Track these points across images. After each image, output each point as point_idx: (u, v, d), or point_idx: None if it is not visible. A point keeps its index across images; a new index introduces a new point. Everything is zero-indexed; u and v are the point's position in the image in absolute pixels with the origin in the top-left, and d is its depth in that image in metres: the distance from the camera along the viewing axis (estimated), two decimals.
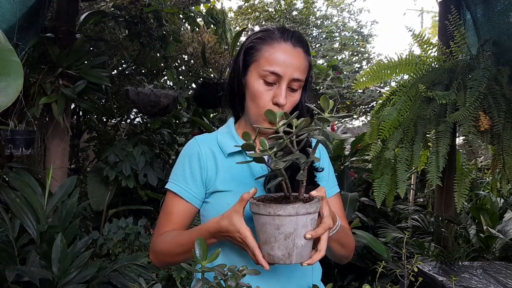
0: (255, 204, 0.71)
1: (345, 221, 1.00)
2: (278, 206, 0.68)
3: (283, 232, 0.69)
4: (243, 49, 0.95)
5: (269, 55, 0.89)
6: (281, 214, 0.68)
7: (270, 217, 0.69)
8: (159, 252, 0.92)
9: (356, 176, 3.19)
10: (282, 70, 0.87)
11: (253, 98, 0.92)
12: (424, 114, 1.88)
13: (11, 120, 2.22)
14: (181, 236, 0.88)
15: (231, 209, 0.77)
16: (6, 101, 0.79)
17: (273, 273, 0.89)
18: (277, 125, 0.71)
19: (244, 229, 0.73)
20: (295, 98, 0.92)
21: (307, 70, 0.93)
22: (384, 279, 2.00)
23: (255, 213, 0.71)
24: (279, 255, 0.70)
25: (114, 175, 2.75)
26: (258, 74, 0.90)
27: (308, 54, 0.94)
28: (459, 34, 1.96)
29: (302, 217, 0.69)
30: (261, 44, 0.91)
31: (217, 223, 0.78)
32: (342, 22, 12.25)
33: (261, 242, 0.72)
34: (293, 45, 0.90)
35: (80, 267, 1.84)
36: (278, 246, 0.70)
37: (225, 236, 0.77)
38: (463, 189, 1.86)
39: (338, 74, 3.88)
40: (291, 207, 0.68)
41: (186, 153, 0.97)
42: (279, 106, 0.89)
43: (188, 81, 3.83)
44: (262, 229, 0.71)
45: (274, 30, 0.92)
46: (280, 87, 0.88)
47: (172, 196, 0.95)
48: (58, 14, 2.60)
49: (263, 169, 0.94)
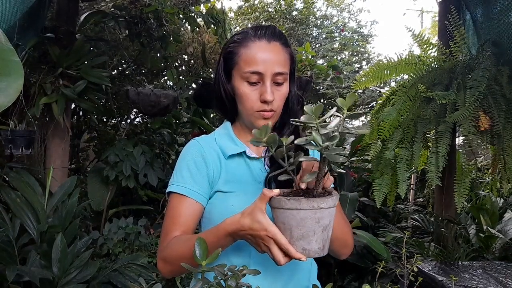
0: (293, 199, 0.69)
1: (343, 213, 1.00)
2: (321, 199, 0.69)
3: (322, 225, 0.70)
4: (222, 56, 0.96)
5: (247, 56, 0.89)
6: (323, 207, 0.69)
7: (312, 211, 0.69)
8: (169, 259, 0.86)
9: (356, 176, 3.19)
10: (263, 68, 0.88)
11: (241, 101, 0.93)
12: (424, 114, 1.88)
13: (11, 120, 2.22)
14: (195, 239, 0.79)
15: (252, 206, 0.74)
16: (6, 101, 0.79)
17: (273, 273, 0.89)
18: (263, 139, 0.71)
19: (271, 226, 0.71)
20: (283, 92, 0.92)
21: (288, 61, 0.93)
22: (384, 279, 2.00)
23: (293, 209, 0.69)
24: (316, 248, 0.71)
25: (114, 175, 2.75)
26: (241, 77, 0.91)
27: (287, 46, 0.94)
28: (458, 34, 1.96)
29: (334, 208, 0.73)
30: (238, 47, 0.92)
31: (237, 221, 0.74)
32: (343, 22, 12.24)
33: (294, 238, 0.70)
34: (268, 41, 0.90)
35: (80, 267, 1.84)
36: (316, 239, 0.71)
37: (246, 234, 0.74)
38: (463, 189, 1.86)
39: (338, 74, 3.88)
40: (331, 199, 0.71)
41: (190, 154, 0.95)
42: (267, 103, 0.89)
43: (188, 81, 3.83)
44: (300, 224, 0.70)
45: (248, 30, 0.93)
46: (265, 84, 0.89)
47: (178, 199, 0.91)
48: (58, 14, 2.60)
49: (261, 170, 0.95)
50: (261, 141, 0.71)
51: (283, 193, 0.76)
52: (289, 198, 0.70)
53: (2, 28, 1.40)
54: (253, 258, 0.89)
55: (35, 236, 1.91)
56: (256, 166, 0.95)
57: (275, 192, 0.72)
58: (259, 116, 0.91)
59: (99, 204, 2.86)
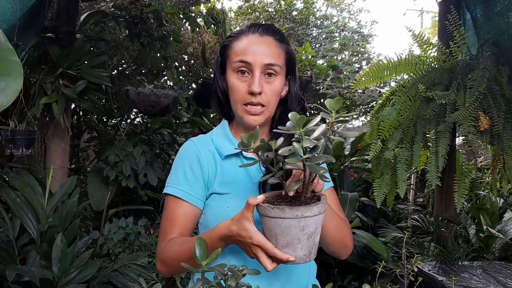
0: (277, 208, 0.68)
1: (342, 214, 1.00)
2: (305, 208, 0.68)
3: (307, 232, 0.69)
4: (219, 51, 0.97)
5: (238, 47, 0.91)
6: (308, 215, 0.68)
7: (296, 220, 0.68)
8: (167, 260, 0.88)
9: (356, 176, 3.19)
10: (252, 58, 0.88)
11: (231, 93, 0.93)
12: (423, 114, 1.88)
13: (11, 120, 2.22)
14: (191, 241, 0.84)
15: (239, 214, 0.74)
16: (6, 101, 0.80)
17: (272, 273, 0.89)
18: (251, 146, 0.71)
19: (256, 234, 0.71)
20: (275, 86, 0.91)
21: (282, 56, 0.92)
22: (384, 279, 2.00)
23: (277, 218, 0.69)
24: (301, 255, 0.71)
25: (114, 175, 2.75)
26: (232, 69, 0.91)
27: (283, 42, 0.93)
28: (458, 34, 1.96)
29: (321, 215, 0.71)
30: (232, 41, 0.93)
31: (227, 227, 0.76)
32: (343, 22, 12.25)
33: (280, 246, 0.70)
34: (261, 34, 0.91)
35: (80, 267, 1.84)
36: (301, 246, 0.70)
37: (236, 240, 0.76)
38: (463, 189, 1.86)
39: (338, 74, 3.87)
40: (316, 207, 0.69)
41: (185, 156, 0.95)
42: (254, 94, 0.88)
43: (188, 81, 3.83)
44: (284, 232, 0.69)
45: (244, 27, 0.95)
46: (254, 75, 0.89)
47: (175, 201, 0.91)
48: (58, 14, 2.60)
49: (258, 171, 0.94)
50: (248, 147, 0.71)
51: (271, 197, 0.76)
52: (273, 206, 0.69)
53: (2, 28, 1.40)
54: (249, 259, 0.89)
55: (35, 236, 1.91)
56: (253, 166, 0.94)
57: (259, 200, 0.72)
58: (246, 111, 0.90)
59: (99, 204, 2.87)
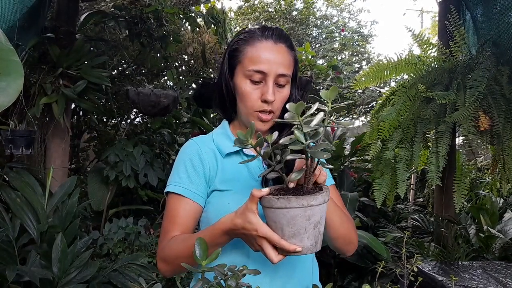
0: (283, 199, 0.69)
1: (346, 210, 1.00)
2: (310, 197, 0.69)
3: (312, 222, 0.70)
4: (227, 53, 0.96)
5: (252, 54, 0.90)
6: (313, 204, 0.69)
7: (302, 209, 0.69)
8: (168, 258, 0.88)
9: (356, 176, 3.20)
10: (267, 68, 0.88)
11: (241, 99, 0.93)
12: (423, 114, 1.88)
13: (11, 120, 2.22)
14: (192, 238, 0.83)
15: (243, 207, 0.74)
16: (7, 101, 0.79)
17: (273, 272, 0.89)
18: (248, 142, 0.71)
19: (262, 226, 0.71)
20: (284, 94, 0.93)
21: (292, 64, 0.94)
22: (384, 279, 2.00)
23: (282, 208, 0.69)
24: (308, 245, 0.71)
25: (114, 175, 2.75)
26: (244, 75, 0.91)
27: (292, 49, 0.94)
28: (458, 34, 1.96)
29: (325, 204, 0.72)
30: (244, 45, 0.92)
31: (231, 221, 0.75)
32: (343, 22, 12.25)
33: (286, 237, 0.71)
34: (275, 42, 0.91)
35: (80, 267, 1.84)
36: (308, 236, 0.70)
37: (240, 234, 0.76)
38: (462, 189, 1.86)
39: (338, 74, 3.87)
40: (320, 196, 0.70)
41: (186, 154, 0.96)
42: (267, 103, 0.90)
43: (188, 81, 3.83)
44: (290, 223, 0.69)
45: (255, 30, 0.94)
46: (267, 84, 0.89)
47: (176, 199, 0.92)
48: (58, 14, 2.60)
49: (260, 168, 0.95)
50: (244, 143, 0.71)
51: (274, 190, 0.76)
52: (278, 197, 0.69)
53: (2, 28, 1.40)
54: (252, 256, 0.89)
55: (35, 236, 1.91)
56: (254, 163, 0.95)
57: (264, 192, 0.72)
58: (257, 116, 0.92)
59: (99, 204, 2.87)
